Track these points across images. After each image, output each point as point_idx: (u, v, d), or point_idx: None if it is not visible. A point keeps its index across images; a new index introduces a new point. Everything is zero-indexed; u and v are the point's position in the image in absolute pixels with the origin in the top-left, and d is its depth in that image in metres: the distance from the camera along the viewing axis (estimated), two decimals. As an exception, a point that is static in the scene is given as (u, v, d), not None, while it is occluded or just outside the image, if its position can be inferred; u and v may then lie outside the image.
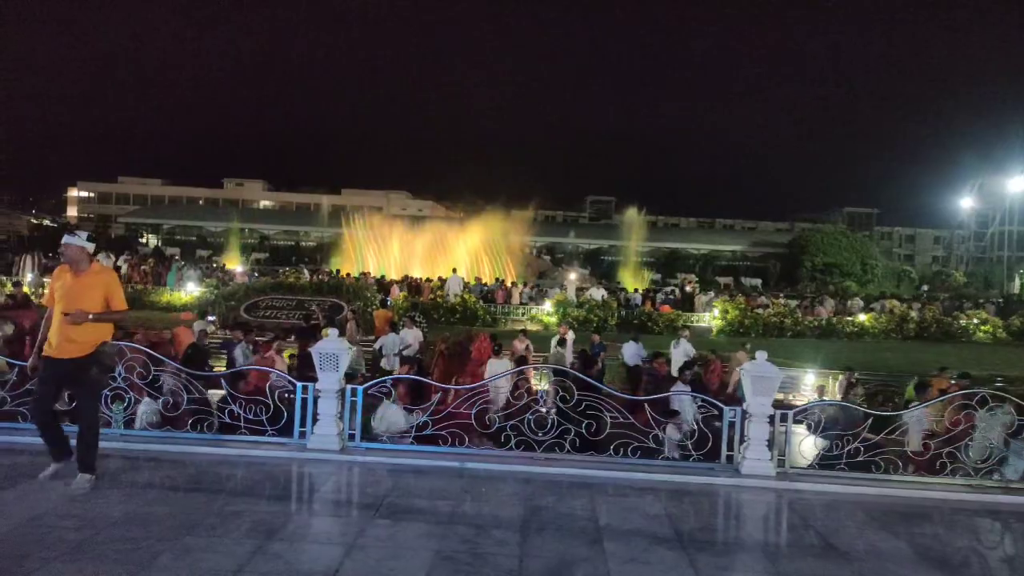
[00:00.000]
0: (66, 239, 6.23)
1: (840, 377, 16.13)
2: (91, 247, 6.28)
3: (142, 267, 30.65)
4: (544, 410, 8.18)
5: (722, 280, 48.14)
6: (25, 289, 23.83)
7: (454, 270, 32.29)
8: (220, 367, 13.81)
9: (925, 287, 51.72)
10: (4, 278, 27.69)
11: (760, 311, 28.69)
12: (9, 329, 15.19)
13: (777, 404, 7.59)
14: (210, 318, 18.36)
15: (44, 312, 6.45)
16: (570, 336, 17.02)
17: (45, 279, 28.36)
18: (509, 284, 31.53)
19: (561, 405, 8.02)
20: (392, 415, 8.30)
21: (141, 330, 14.07)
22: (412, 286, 29.99)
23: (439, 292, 28.00)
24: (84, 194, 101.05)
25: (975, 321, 29.75)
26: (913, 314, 29.61)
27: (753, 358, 7.67)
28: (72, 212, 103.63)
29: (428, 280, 31.99)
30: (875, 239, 72.19)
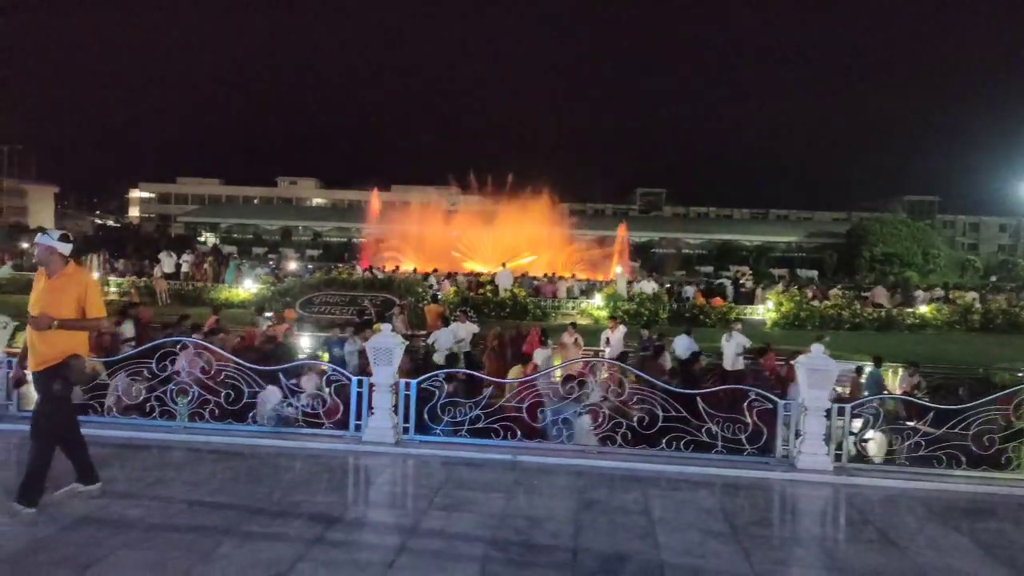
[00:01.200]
0: (37, 238, 5.60)
1: (901, 371, 15.72)
2: (64, 248, 5.58)
3: (203, 265, 31.47)
4: (598, 402, 8.17)
5: (776, 272, 47.26)
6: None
7: (503, 264, 32.39)
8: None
9: (993, 277, 49.95)
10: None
11: (816, 303, 28.08)
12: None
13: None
14: (267, 314, 18.77)
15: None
16: (620, 331, 16.92)
17: (111, 278, 29.39)
18: (556, 277, 31.49)
19: (612, 399, 8.02)
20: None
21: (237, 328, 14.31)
22: (466, 281, 30.20)
23: (489, 287, 28.13)
24: (145, 195, 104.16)
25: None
26: (977, 305, 28.63)
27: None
28: (134, 212, 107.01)
29: (479, 274, 32.17)
30: (937, 228, 69.96)
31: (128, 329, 13.82)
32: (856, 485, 7.00)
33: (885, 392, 13.66)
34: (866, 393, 12.99)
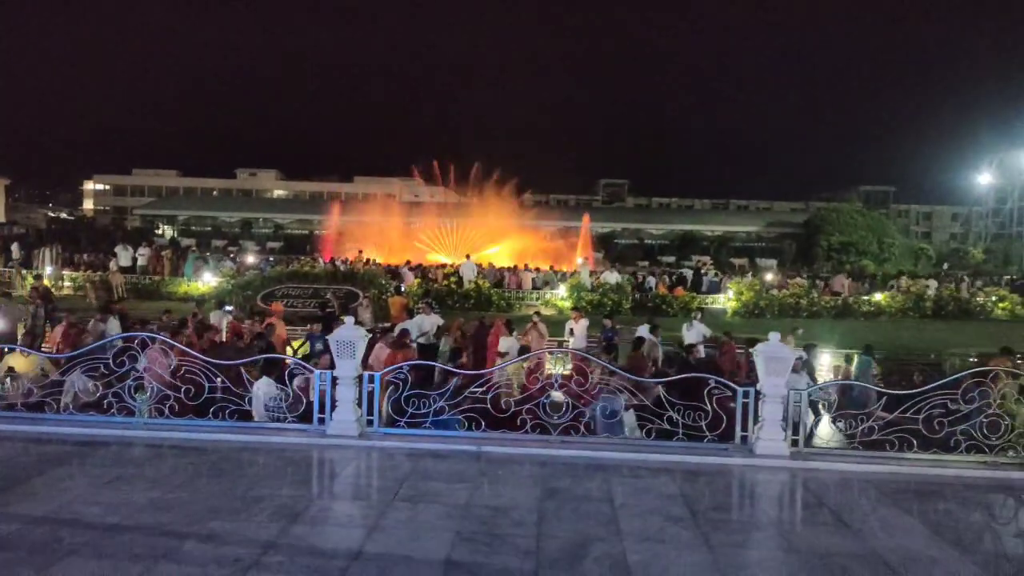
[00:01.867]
0: None
1: (856, 358, 16.08)
2: None
3: (160, 258, 30.89)
4: (558, 395, 8.25)
5: (737, 261, 47.94)
6: (45, 282, 24.15)
7: (467, 256, 32.35)
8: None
9: (945, 265, 51.27)
10: (25, 271, 28.04)
11: (775, 292, 28.58)
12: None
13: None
14: (228, 308, 18.53)
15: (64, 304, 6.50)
16: (583, 322, 17.03)
17: (64, 271, 28.72)
18: (521, 268, 31.56)
19: (576, 389, 8.10)
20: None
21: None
22: (425, 273, 30.11)
23: (452, 278, 28.09)
24: (100, 187, 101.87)
25: (993, 299, 29.52)
26: (930, 292, 29.41)
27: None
28: (88, 205, 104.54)
29: (441, 266, 32.10)
30: (892, 217, 71.62)
31: (114, 327, 13.51)
32: (812, 469, 7.18)
33: (873, 379, 13.92)
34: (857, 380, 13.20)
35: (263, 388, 8.58)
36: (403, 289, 24.69)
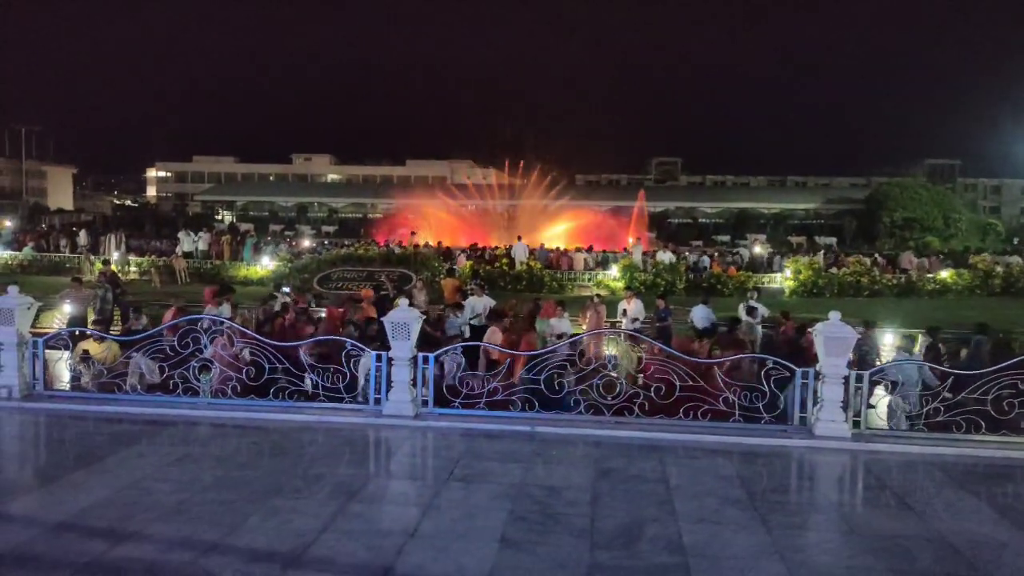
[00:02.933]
0: None
1: (920, 337, 15.59)
2: None
3: (220, 243, 31.68)
4: (613, 375, 8.21)
5: (795, 240, 46.86)
6: (112, 267, 25.01)
7: (519, 237, 32.35)
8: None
9: (1015, 240, 49.26)
10: (93, 257, 29.07)
11: (835, 271, 27.87)
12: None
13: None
14: (285, 289, 18.93)
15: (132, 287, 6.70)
16: (635, 302, 16.85)
17: (130, 256, 29.69)
18: (573, 250, 31.43)
19: (631, 370, 8.06)
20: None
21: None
22: (478, 254, 30.23)
23: (504, 260, 28.14)
24: (162, 174, 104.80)
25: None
26: (999, 269, 28.29)
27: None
28: (151, 192, 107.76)
29: (495, 248, 32.16)
30: (959, 192, 69.04)
31: (226, 311, 13.88)
32: (874, 451, 7.01)
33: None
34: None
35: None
36: (456, 271, 24.85)
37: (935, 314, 20.61)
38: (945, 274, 28.35)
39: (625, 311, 16.65)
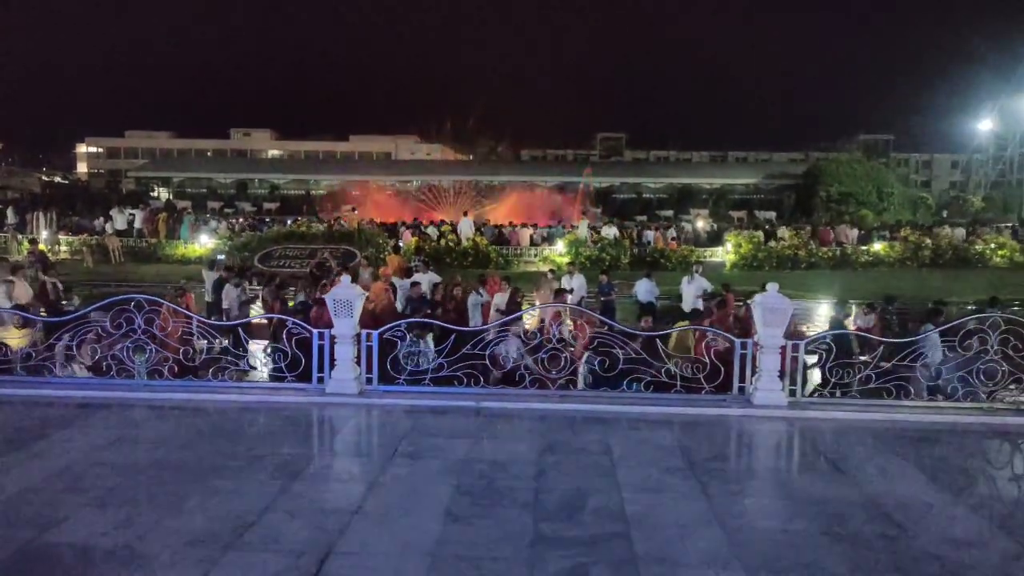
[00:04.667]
0: None
1: (855, 308, 16.08)
2: None
3: (156, 220, 30.75)
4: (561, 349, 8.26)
5: (735, 214, 47.70)
6: (41, 246, 24.07)
7: (465, 213, 32.22)
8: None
9: (944, 213, 51.04)
10: (21, 236, 27.93)
11: (773, 244, 28.53)
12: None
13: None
14: (220, 257, 18.64)
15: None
16: (579, 277, 16.97)
17: (59, 235, 28.62)
18: (517, 226, 31.44)
19: (573, 342, 8.12)
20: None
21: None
22: (423, 230, 30.01)
23: (450, 236, 28.01)
24: (93, 150, 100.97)
25: (992, 246, 29.46)
26: (928, 241, 29.35)
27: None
28: (82, 168, 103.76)
29: (440, 223, 31.97)
30: (891, 166, 71.07)
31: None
32: (809, 418, 7.23)
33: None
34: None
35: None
36: (400, 248, 24.65)
37: (868, 285, 21.32)
38: (878, 246, 29.28)
39: (570, 287, 16.76)
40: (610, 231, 29.13)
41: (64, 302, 13.29)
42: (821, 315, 17.92)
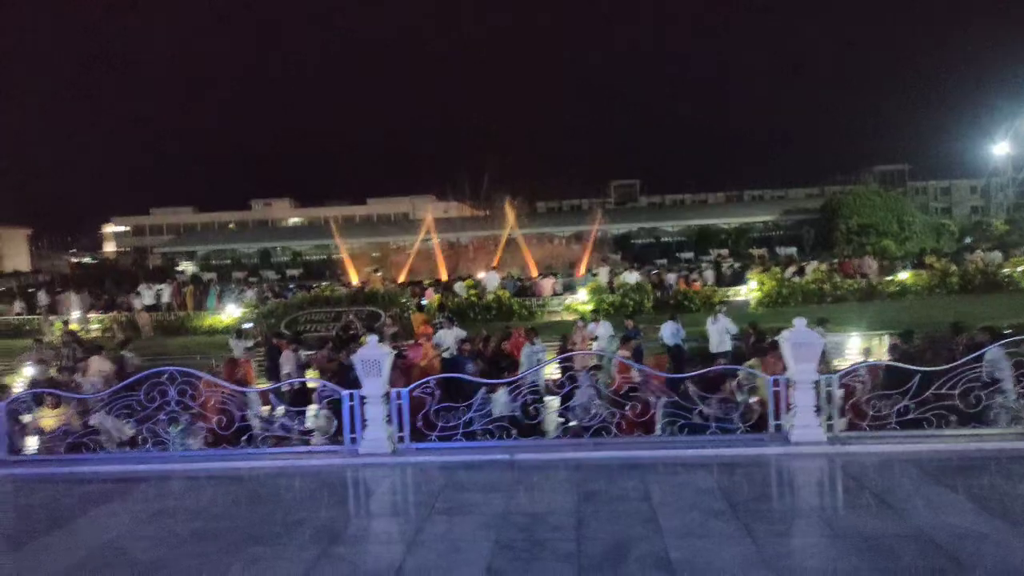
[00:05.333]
0: None
1: (887, 339, 15.88)
2: None
3: (183, 293, 31.23)
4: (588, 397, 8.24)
5: (756, 252, 47.56)
6: (72, 326, 24.50)
7: (493, 268, 32.44)
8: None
9: (968, 239, 50.51)
10: (53, 317, 28.44)
11: (797, 279, 28.32)
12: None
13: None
14: (247, 325, 18.89)
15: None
16: (604, 325, 16.94)
17: (90, 315, 29.11)
18: (537, 277, 31.52)
19: (602, 389, 8.08)
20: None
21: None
22: (446, 287, 30.17)
23: (473, 291, 28.12)
24: (119, 229, 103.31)
25: (1020, 269, 29.00)
26: (954, 267, 28.98)
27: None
28: (109, 247, 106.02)
29: (461, 278, 32.14)
30: (910, 195, 70.77)
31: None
32: (850, 453, 7.09)
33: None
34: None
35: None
36: (424, 306, 24.78)
37: (899, 316, 21.04)
38: (904, 275, 28.95)
39: (596, 335, 16.73)
40: (631, 276, 29.10)
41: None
42: (852, 348, 17.68)
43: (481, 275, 31.01)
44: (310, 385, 11.50)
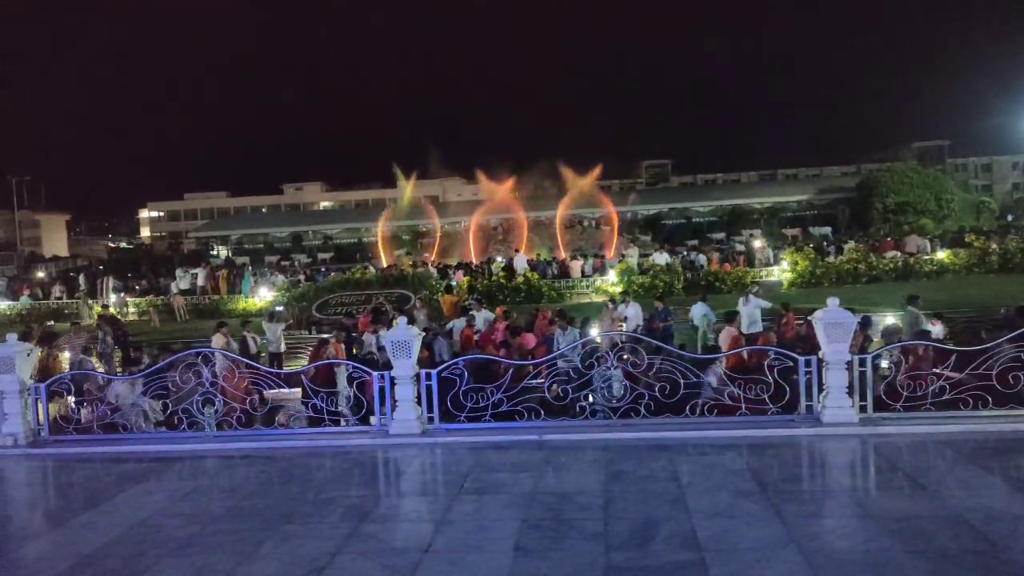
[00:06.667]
0: None
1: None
2: None
3: (217, 277, 31.68)
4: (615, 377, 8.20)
5: (789, 232, 46.88)
6: (111, 310, 25.00)
7: (516, 250, 32.40)
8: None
9: (1009, 216, 49.29)
10: (92, 301, 29.04)
11: (831, 259, 27.91)
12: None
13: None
14: (279, 308, 19.18)
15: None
16: (634, 306, 16.86)
17: (128, 298, 29.69)
18: (567, 258, 31.44)
19: (632, 370, 8.04)
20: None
21: None
22: (475, 269, 30.25)
23: (501, 273, 28.14)
24: (155, 214, 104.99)
25: (1063, 246, 28.24)
26: (995, 246, 28.31)
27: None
28: (145, 232, 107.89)
29: (490, 261, 32.19)
30: (949, 172, 69.06)
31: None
32: (883, 434, 7.00)
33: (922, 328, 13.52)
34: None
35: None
36: (453, 287, 24.86)
37: (936, 295, 20.63)
38: (942, 254, 28.38)
39: (625, 316, 16.69)
40: (661, 257, 28.90)
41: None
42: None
43: (501, 259, 31.01)
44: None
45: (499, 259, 31.41)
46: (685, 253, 32.40)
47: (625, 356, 8.56)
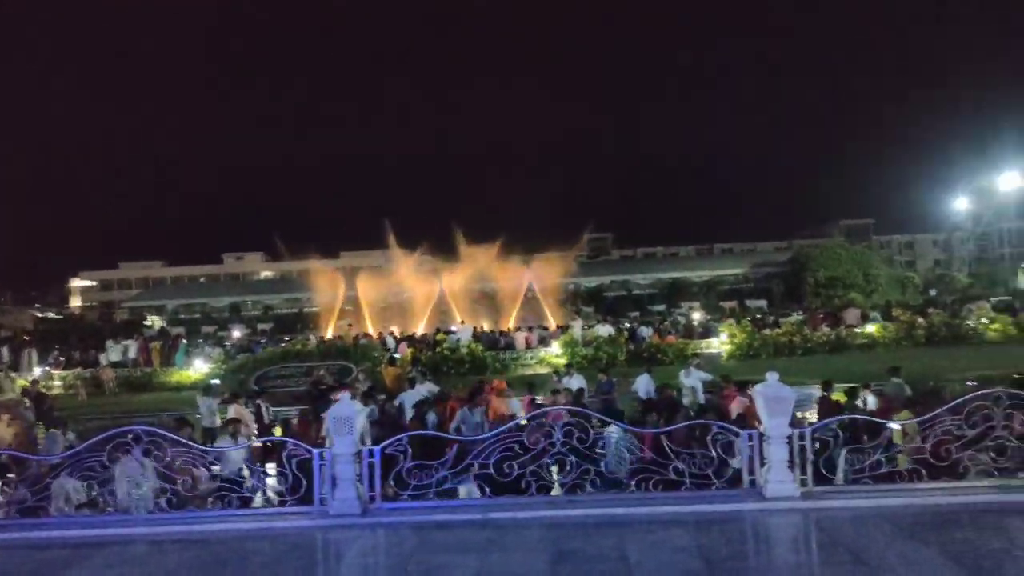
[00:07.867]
0: None
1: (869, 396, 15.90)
2: None
3: (150, 348, 30.64)
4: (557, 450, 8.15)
5: (727, 305, 48.10)
6: (36, 384, 23.87)
7: (462, 321, 32.36)
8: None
9: (932, 291, 51.58)
10: (14, 374, 27.73)
11: (768, 332, 28.65)
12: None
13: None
14: (214, 382, 18.53)
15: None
16: (577, 377, 16.91)
17: (55, 372, 28.47)
18: (512, 329, 31.53)
19: (578, 446, 8.02)
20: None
21: None
22: (419, 341, 30.03)
23: (445, 345, 27.98)
24: (86, 283, 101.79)
25: (984, 320, 29.60)
26: (921, 320, 29.53)
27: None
28: (75, 302, 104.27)
29: (437, 332, 32.03)
30: (874, 249, 72.29)
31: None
32: (824, 508, 7.09)
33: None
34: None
35: None
36: (396, 359, 24.59)
37: (868, 367, 21.26)
38: (871, 328, 29.41)
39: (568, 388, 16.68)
40: (604, 329, 29.21)
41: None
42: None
43: (453, 328, 30.97)
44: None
45: (454, 328, 31.20)
46: (628, 325, 32.82)
47: (574, 432, 8.53)
